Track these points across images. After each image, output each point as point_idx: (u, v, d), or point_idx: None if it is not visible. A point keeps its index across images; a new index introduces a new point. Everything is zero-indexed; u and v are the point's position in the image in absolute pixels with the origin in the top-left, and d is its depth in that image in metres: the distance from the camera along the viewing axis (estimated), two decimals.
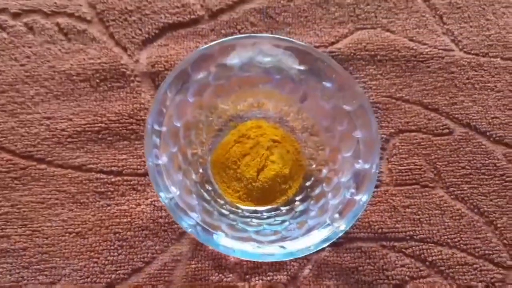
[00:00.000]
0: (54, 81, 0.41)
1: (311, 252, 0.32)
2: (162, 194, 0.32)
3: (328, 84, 0.37)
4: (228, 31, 0.44)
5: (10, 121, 0.40)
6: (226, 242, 0.32)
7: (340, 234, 0.32)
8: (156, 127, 0.34)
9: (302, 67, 0.37)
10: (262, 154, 0.39)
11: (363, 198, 0.33)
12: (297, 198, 0.38)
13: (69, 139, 0.40)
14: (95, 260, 0.36)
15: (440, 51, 0.45)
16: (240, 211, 0.38)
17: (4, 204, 0.37)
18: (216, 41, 0.35)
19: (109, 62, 0.42)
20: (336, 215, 0.34)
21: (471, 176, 0.41)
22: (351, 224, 0.32)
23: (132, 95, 0.41)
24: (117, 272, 0.36)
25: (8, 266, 0.36)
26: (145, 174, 0.39)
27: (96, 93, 0.41)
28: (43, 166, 0.39)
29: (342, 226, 0.32)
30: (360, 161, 0.35)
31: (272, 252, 0.32)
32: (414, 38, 0.45)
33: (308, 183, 0.39)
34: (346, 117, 0.36)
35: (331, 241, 0.32)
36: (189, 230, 0.31)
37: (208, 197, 0.37)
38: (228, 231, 0.34)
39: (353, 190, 0.34)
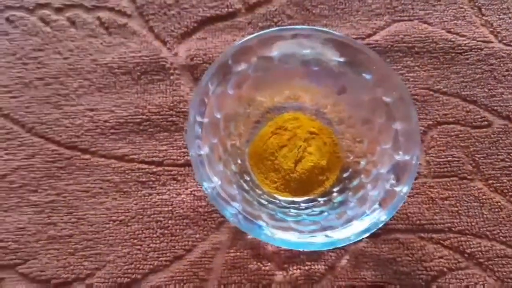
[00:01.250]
0: (97, 74, 0.43)
1: (352, 242, 0.32)
2: (205, 184, 0.32)
3: (367, 76, 0.37)
4: (265, 24, 0.45)
5: (54, 113, 0.41)
6: (267, 231, 0.32)
7: (381, 225, 0.32)
8: (198, 118, 0.34)
9: (341, 59, 0.37)
10: (300, 146, 0.39)
11: (403, 189, 0.33)
12: (335, 190, 0.39)
13: (111, 130, 0.41)
14: (138, 247, 0.37)
15: (479, 43, 0.45)
16: (278, 201, 0.38)
17: (50, 193, 0.39)
18: (256, 33, 0.36)
19: (149, 56, 0.43)
20: (376, 206, 0.34)
21: (511, 168, 0.40)
22: (392, 214, 0.32)
23: (172, 88, 0.42)
24: (159, 259, 0.37)
25: (55, 252, 0.37)
26: (185, 165, 0.40)
27: (137, 85, 0.42)
28: (87, 156, 0.40)
29: (383, 216, 0.32)
30: (400, 152, 0.35)
31: (312, 241, 0.32)
32: (452, 30, 0.45)
33: (345, 175, 0.39)
34: (385, 109, 0.36)
35: (372, 232, 0.32)
36: (231, 219, 0.32)
37: (247, 188, 0.38)
38: (268, 220, 0.34)
39: (393, 182, 0.34)
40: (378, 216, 0.33)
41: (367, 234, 0.32)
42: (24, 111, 0.41)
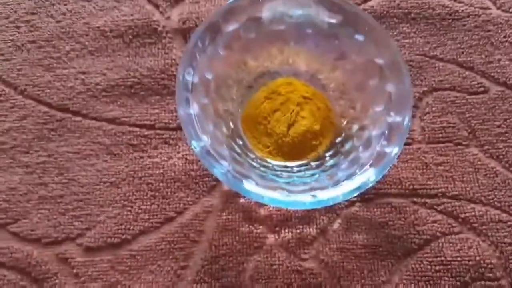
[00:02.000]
0: (89, 37, 0.42)
1: (341, 201, 0.32)
2: (194, 142, 0.32)
3: (360, 38, 0.36)
4: None
5: (46, 75, 0.41)
6: (256, 189, 0.32)
7: (371, 185, 0.32)
8: (188, 77, 0.34)
9: (334, 20, 0.36)
10: (293, 110, 0.39)
11: (394, 150, 0.33)
12: (327, 154, 0.38)
13: (103, 93, 0.41)
14: (128, 208, 0.37)
15: (477, 9, 0.44)
16: (270, 165, 0.38)
17: (41, 154, 0.39)
18: None
19: (141, 19, 0.43)
20: (367, 167, 0.33)
21: (507, 134, 0.40)
22: (382, 174, 0.32)
23: (164, 51, 0.42)
24: (150, 221, 0.37)
25: (46, 212, 0.37)
26: (177, 129, 0.40)
27: (128, 49, 0.42)
28: (78, 118, 0.40)
29: (372, 177, 0.32)
30: (392, 113, 0.34)
31: (302, 200, 0.32)
32: None
33: (338, 140, 0.39)
34: (378, 71, 0.36)
35: (361, 191, 0.32)
36: (221, 177, 0.32)
37: (239, 151, 0.37)
38: (258, 180, 0.34)
39: (384, 142, 0.34)
40: (367, 176, 0.33)
41: (355, 194, 0.32)
42: (16, 74, 0.41)
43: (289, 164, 0.39)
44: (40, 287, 0.35)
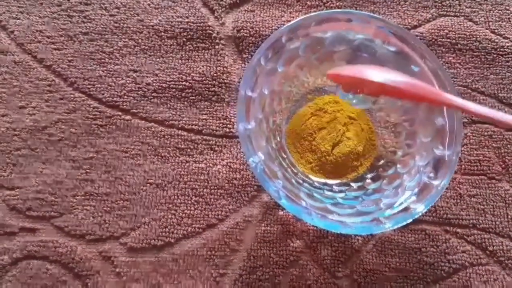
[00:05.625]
0: (142, 35, 0.42)
1: (388, 230, 0.33)
2: (251, 159, 0.33)
3: (415, 69, 0.37)
4: (313, 3, 0.44)
5: (98, 70, 0.41)
6: (307, 211, 0.33)
7: (417, 216, 0.33)
8: (249, 93, 0.34)
9: (393, 49, 0.37)
10: (339, 130, 0.39)
11: (442, 183, 0.34)
12: (368, 176, 0.39)
13: (154, 94, 0.41)
14: (173, 212, 0.38)
15: None
16: (311, 181, 0.39)
17: (89, 150, 0.39)
18: (313, 13, 0.36)
19: (196, 22, 0.43)
20: (413, 197, 0.34)
21: None
22: (429, 207, 0.33)
23: (216, 58, 0.42)
24: (193, 226, 0.38)
25: (91, 208, 0.37)
26: (223, 136, 0.40)
27: (182, 51, 0.42)
28: (128, 117, 0.40)
29: (420, 208, 0.33)
30: (440, 147, 0.35)
31: (349, 225, 0.33)
32: (496, 30, 0.45)
33: (380, 163, 0.40)
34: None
35: (407, 222, 0.33)
36: (274, 195, 0.33)
37: (285, 165, 0.38)
38: (307, 199, 0.35)
39: (431, 175, 0.35)
40: (414, 207, 0.34)
41: (402, 224, 0.33)
42: (67, 65, 0.41)
43: (329, 181, 0.39)
44: (81, 283, 0.36)
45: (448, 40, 0.44)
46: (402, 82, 0.32)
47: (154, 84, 0.41)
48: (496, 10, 0.46)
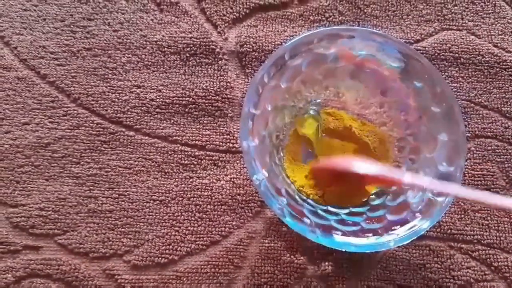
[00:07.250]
0: (146, 50, 0.42)
1: (391, 247, 0.33)
2: (255, 177, 0.33)
3: (418, 84, 0.37)
4: (316, 18, 0.45)
5: (101, 86, 0.41)
6: (312, 229, 0.33)
7: (422, 232, 0.33)
8: (252, 110, 0.34)
9: (396, 64, 0.37)
10: None
11: (446, 200, 0.34)
12: (372, 192, 0.39)
13: (157, 110, 0.41)
14: (176, 228, 0.38)
15: None
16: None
17: (92, 166, 0.39)
18: (315, 30, 0.36)
19: (199, 38, 0.43)
20: (418, 214, 0.34)
21: None
22: (434, 223, 0.33)
23: (219, 73, 0.42)
24: (197, 243, 0.37)
25: (94, 226, 0.37)
26: (226, 151, 0.40)
27: (185, 67, 0.42)
28: (131, 133, 0.40)
29: (425, 224, 0.33)
30: (444, 163, 0.35)
31: (353, 243, 0.33)
32: (499, 44, 0.45)
33: None
34: (432, 118, 0.37)
35: (413, 239, 0.33)
36: (279, 213, 0.32)
37: (288, 181, 0.38)
38: (311, 216, 0.35)
39: (435, 191, 0.35)
40: (419, 224, 0.34)
41: (408, 241, 0.33)
42: (70, 81, 0.41)
43: None
44: None
45: (451, 54, 0.44)
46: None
47: (157, 100, 0.41)
48: (499, 24, 0.46)
